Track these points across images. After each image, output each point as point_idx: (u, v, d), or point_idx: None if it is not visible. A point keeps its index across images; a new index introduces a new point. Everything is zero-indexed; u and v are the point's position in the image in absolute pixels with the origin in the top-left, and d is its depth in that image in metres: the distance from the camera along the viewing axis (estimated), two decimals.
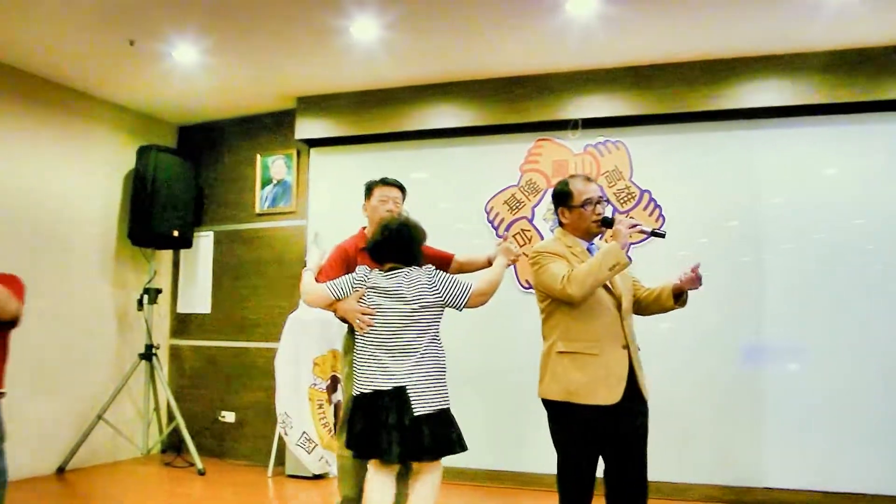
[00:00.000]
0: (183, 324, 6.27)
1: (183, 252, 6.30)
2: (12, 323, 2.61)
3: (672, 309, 3.02)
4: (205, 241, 6.20)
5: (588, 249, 2.94)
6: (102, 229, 5.73)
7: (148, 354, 5.65)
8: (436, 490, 3.07)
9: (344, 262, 3.42)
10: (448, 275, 3.18)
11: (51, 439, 5.12)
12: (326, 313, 5.17)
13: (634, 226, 2.84)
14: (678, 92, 4.68)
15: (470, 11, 4.11)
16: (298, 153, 5.83)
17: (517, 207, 5.09)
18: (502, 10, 4.08)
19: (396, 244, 3.12)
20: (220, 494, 4.78)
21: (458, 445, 2.99)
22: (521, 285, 4.99)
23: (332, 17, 4.17)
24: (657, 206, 4.78)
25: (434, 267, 3.18)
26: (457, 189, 5.26)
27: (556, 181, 4.89)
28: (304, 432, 4.97)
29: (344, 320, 3.26)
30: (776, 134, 4.64)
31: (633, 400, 2.83)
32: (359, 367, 3.06)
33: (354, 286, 3.11)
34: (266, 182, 5.96)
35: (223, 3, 4.03)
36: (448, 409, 3.02)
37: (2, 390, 2.61)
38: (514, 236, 5.05)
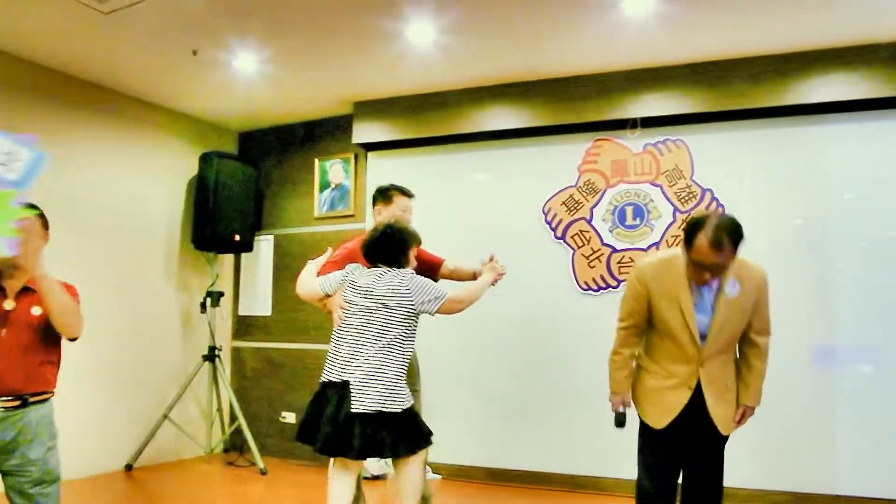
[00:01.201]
0: (244, 326, 6.40)
1: (244, 256, 6.42)
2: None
3: None
4: (265, 244, 6.31)
5: (691, 286, 2.79)
6: (167, 234, 5.89)
7: (211, 356, 5.78)
8: (409, 483, 3.13)
9: (346, 261, 3.45)
10: (425, 280, 3.21)
11: (119, 437, 5.28)
12: None
13: None
14: (741, 88, 4.57)
15: (526, 12, 4.09)
16: (356, 157, 5.89)
17: (575, 208, 5.04)
18: (558, 10, 4.04)
19: (382, 246, 3.21)
20: (282, 494, 4.85)
21: (388, 450, 2.98)
22: (580, 287, 4.95)
23: (388, 21, 4.20)
24: (719, 204, 4.67)
25: (414, 272, 3.23)
26: (514, 190, 5.24)
27: (615, 181, 4.92)
28: None
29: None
30: (846, 129, 4.49)
31: (704, 429, 2.84)
32: (327, 358, 3.19)
33: (341, 282, 3.22)
34: (324, 186, 6.04)
35: (283, 12, 4.10)
36: (390, 412, 2.99)
37: (52, 390, 2.66)
38: (572, 238, 5.01)
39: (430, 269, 3.49)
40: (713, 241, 2.59)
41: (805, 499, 4.33)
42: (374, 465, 5.03)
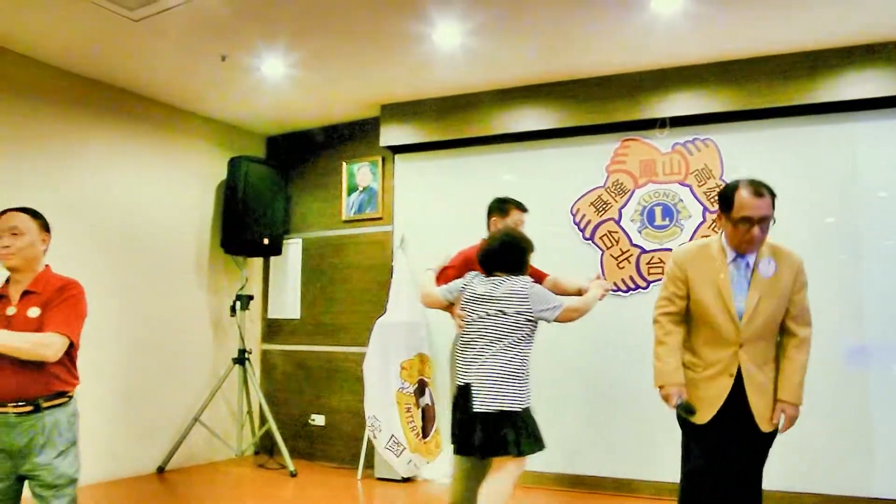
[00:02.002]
0: (273, 329, 6.44)
1: (273, 259, 6.47)
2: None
3: None
4: (293, 248, 6.35)
5: (734, 261, 2.84)
6: (197, 238, 5.96)
7: (241, 359, 5.83)
8: (501, 491, 3.13)
9: (464, 268, 3.59)
10: (542, 289, 3.33)
11: (151, 440, 5.34)
12: (414, 318, 5.29)
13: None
14: (771, 86, 4.51)
15: (552, 14, 4.07)
16: (383, 160, 5.91)
17: (604, 209, 5.01)
18: (585, 10, 4.02)
19: (501, 255, 3.32)
20: (312, 496, 4.88)
21: (512, 447, 3.07)
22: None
23: (415, 25, 4.21)
24: None
25: (531, 280, 3.33)
26: (542, 191, 5.21)
27: (643, 181, 4.88)
28: (392, 435, 5.01)
29: None
30: (878, 126, 4.41)
31: (746, 424, 2.78)
32: (455, 363, 3.38)
33: (462, 290, 3.37)
34: (352, 189, 6.06)
35: (311, 17, 4.13)
36: (510, 412, 3.10)
37: (69, 392, 2.66)
38: (600, 238, 4.98)
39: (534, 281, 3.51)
40: (753, 190, 2.71)
41: (840, 501, 4.26)
42: (403, 467, 5.04)
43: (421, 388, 5.30)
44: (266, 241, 5.89)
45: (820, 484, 4.32)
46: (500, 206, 3.96)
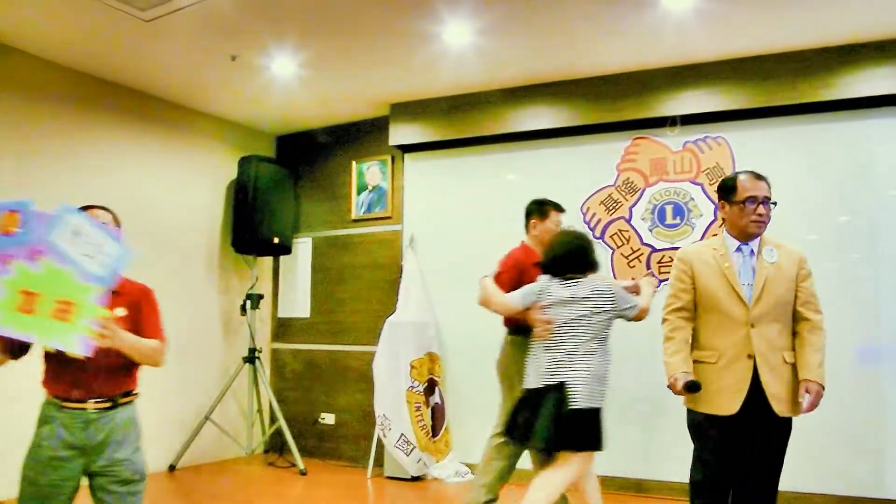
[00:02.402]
0: (283, 328, 6.45)
1: (283, 258, 6.48)
2: None
3: None
4: (303, 247, 6.36)
5: (738, 249, 2.90)
6: (207, 237, 5.97)
7: (251, 358, 5.84)
8: (556, 483, 3.25)
9: (515, 272, 3.77)
10: (620, 288, 3.47)
11: (163, 438, 5.36)
12: (423, 317, 5.29)
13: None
14: (784, 84, 4.47)
15: (562, 12, 4.06)
16: (393, 159, 5.91)
17: (614, 208, 4.99)
18: (596, 8, 4.01)
19: (577, 258, 3.40)
20: (322, 494, 4.89)
21: (600, 443, 3.25)
22: None
23: (425, 23, 4.21)
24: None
25: (611, 280, 3.48)
26: (552, 190, 5.13)
27: (654, 180, 4.86)
28: (402, 434, 5.02)
29: (518, 325, 3.70)
30: (894, 123, 4.37)
31: (763, 413, 2.76)
32: (530, 366, 3.41)
33: (538, 295, 3.41)
34: (361, 188, 6.06)
35: (320, 16, 4.14)
36: (592, 409, 3.23)
37: (137, 391, 2.68)
38: (611, 237, 4.96)
39: None
40: (753, 175, 2.89)
41: (852, 502, 4.23)
42: (412, 465, 5.04)
43: (430, 387, 5.30)
44: (276, 240, 5.90)
45: (832, 485, 4.29)
46: (539, 209, 4.04)
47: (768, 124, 4.65)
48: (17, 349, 2.44)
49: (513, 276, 3.74)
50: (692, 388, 2.77)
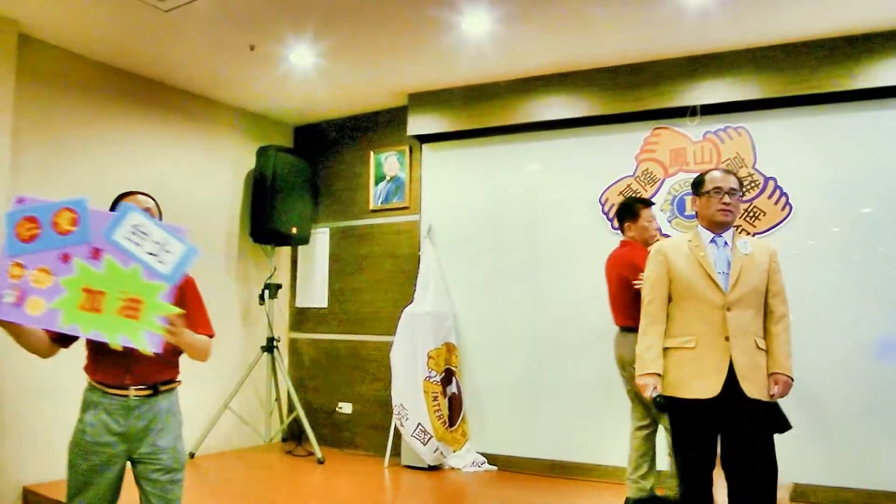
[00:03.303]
0: (301, 317, 6.48)
1: (301, 248, 6.51)
2: None
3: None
4: (321, 237, 6.39)
5: (713, 241, 3.01)
6: (226, 228, 6.01)
7: (269, 347, 5.87)
8: None
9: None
10: None
11: (183, 426, 5.39)
12: (441, 308, 5.30)
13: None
14: (807, 72, 4.40)
15: (581, 1, 4.02)
16: (411, 149, 5.90)
17: None
18: None
19: None
20: (340, 483, 4.92)
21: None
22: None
23: (443, 13, 4.19)
24: (783, 193, 4.53)
25: None
26: (570, 181, 5.18)
27: (674, 170, 4.83)
28: (419, 424, 5.03)
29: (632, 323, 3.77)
30: None
31: (738, 396, 2.80)
32: None
33: None
34: (379, 179, 6.07)
35: (339, 5, 4.12)
36: None
37: (177, 379, 2.70)
38: None
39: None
40: (722, 169, 3.10)
41: (878, 497, 4.18)
42: (429, 455, 5.06)
43: (448, 377, 5.31)
44: (294, 230, 5.92)
45: (858, 479, 4.22)
46: (630, 210, 4.20)
47: (790, 114, 4.58)
48: (69, 338, 2.47)
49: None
50: (660, 406, 2.90)
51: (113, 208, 2.57)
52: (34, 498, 4.32)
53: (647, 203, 4.25)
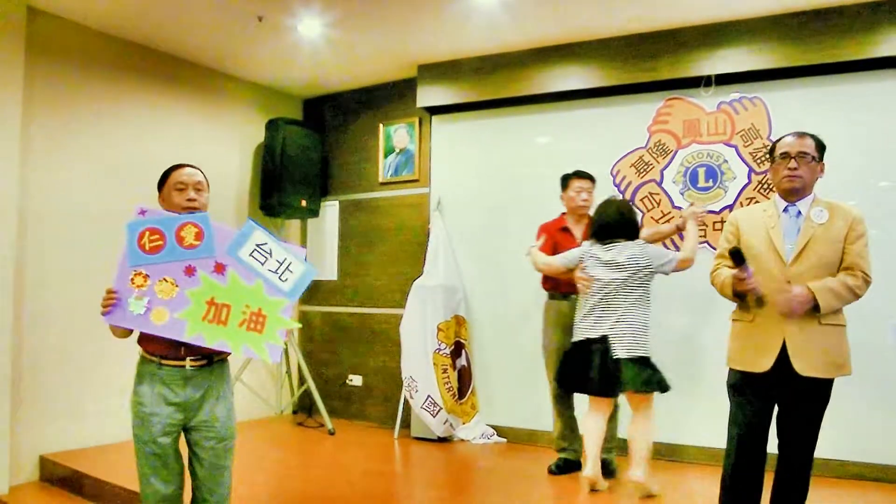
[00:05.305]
0: (311, 290, 6.48)
1: (310, 221, 6.50)
2: None
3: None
4: (331, 210, 6.37)
5: (786, 210, 2.92)
6: (236, 200, 6.00)
7: None
8: (651, 423, 3.75)
9: (551, 241, 4.32)
10: (656, 247, 3.94)
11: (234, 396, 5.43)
12: (450, 280, 5.29)
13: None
14: (825, 40, 4.30)
15: None
16: (420, 121, 5.85)
17: (645, 170, 4.90)
18: None
19: (622, 225, 3.84)
20: (350, 453, 4.94)
21: (657, 385, 3.68)
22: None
23: None
24: None
25: (644, 241, 3.87)
26: (582, 153, 5.11)
27: (687, 142, 4.76)
28: (428, 396, 5.04)
29: (553, 288, 4.36)
30: None
31: (790, 372, 2.75)
32: (578, 322, 3.91)
33: (581, 258, 3.92)
34: (389, 151, 6.03)
35: None
36: (646, 357, 3.72)
37: (229, 350, 2.71)
38: (641, 200, 4.88)
39: None
40: (795, 133, 2.95)
41: (884, 470, 4.16)
42: (438, 427, 5.07)
43: (457, 350, 5.31)
44: (304, 203, 5.90)
45: (863, 452, 4.22)
46: (562, 180, 4.46)
47: (808, 83, 4.49)
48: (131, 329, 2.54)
49: (546, 242, 4.28)
50: (736, 255, 2.81)
51: (162, 181, 2.69)
52: (50, 466, 4.37)
53: (582, 175, 4.37)
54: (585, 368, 3.75)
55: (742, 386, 2.88)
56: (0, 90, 4.23)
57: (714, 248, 3.89)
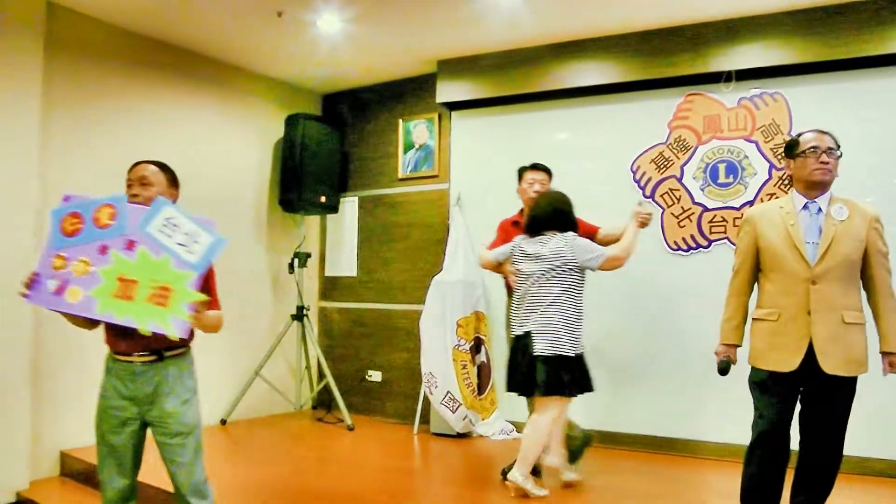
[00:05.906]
0: (331, 286, 6.52)
1: (330, 217, 6.52)
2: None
3: None
4: (350, 205, 6.39)
5: (806, 207, 2.89)
6: (256, 196, 6.03)
7: (299, 315, 5.92)
8: (538, 426, 3.60)
9: (503, 235, 4.15)
10: (585, 241, 3.69)
11: (215, 393, 5.48)
12: (470, 276, 5.30)
13: None
14: (848, 36, 4.26)
15: None
16: (440, 117, 5.85)
17: (665, 166, 4.87)
18: None
19: (551, 218, 3.72)
20: (369, 449, 4.97)
21: (566, 388, 3.54)
22: (669, 247, 4.81)
23: None
24: None
25: (576, 235, 3.68)
26: (602, 148, 5.10)
27: (707, 137, 4.73)
28: (448, 392, 5.06)
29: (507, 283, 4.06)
30: None
31: (817, 371, 2.74)
32: (510, 317, 3.84)
33: (511, 251, 3.81)
34: (408, 147, 6.03)
35: None
36: (567, 356, 3.54)
37: (188, 344, 2.77)
38: (661, 196, 4.86)
39: (586, 237, 3.81)
40: (816, 130, 2.92)
41: None
42: (458, 422, 5.08)
43: (477, 346, 5.31)
44: (323, 198, 5.93)
45: (890, 450, 4.19)
46: (518, 173, 4.27)
47: (829, 79, 4.45)
48: (94, 321, 2.61)
49: (499, 235, 4.20)
50: (722, 370, 2.96)
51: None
52: (71, 461, 4.43)
53: (536, 167, 4.19)
54: (511, 367, 3.71)
55: (770, 384, 2.86)
56: (19, 86, 4.26)
57: (734, 245, 3.87)
